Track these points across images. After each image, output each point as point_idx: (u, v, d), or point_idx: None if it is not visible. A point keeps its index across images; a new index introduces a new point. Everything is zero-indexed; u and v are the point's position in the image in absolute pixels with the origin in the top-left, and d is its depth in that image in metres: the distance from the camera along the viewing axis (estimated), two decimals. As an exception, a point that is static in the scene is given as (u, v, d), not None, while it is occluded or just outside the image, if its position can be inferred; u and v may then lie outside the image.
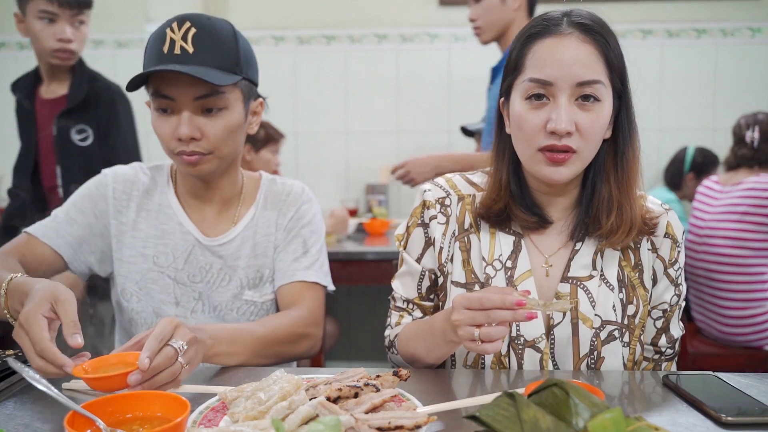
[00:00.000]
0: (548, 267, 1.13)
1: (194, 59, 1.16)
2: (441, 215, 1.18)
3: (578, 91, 1.02)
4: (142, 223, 1.32)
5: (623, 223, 1.09)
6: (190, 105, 1.19)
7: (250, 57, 1.26)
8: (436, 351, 1.09)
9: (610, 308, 1.11)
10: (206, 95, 1.18)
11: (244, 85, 1.24)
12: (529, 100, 1.04)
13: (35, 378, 0.87)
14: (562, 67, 1.01)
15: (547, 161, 1.04)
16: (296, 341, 1.24)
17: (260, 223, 1.35)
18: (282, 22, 3.63)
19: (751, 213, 2.38)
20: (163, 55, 1.17)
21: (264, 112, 1.35)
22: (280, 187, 1.39)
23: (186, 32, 1.17)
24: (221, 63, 1.19)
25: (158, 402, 0.81)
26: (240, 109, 1.24)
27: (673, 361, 1.21)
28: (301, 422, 0.78)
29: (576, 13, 1.06)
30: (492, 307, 0.91)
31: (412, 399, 0.88)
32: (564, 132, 1.01)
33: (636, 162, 1.10)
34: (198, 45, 1.17)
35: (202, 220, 1.33)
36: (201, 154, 1.21)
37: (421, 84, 3.63)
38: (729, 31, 3.46)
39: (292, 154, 3.65)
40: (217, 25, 1.21)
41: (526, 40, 1.07)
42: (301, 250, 1.34)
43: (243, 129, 1.28)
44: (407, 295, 1.21)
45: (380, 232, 3.06)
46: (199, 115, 1.20)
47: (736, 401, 0.92)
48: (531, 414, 0.71)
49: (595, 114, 1.03)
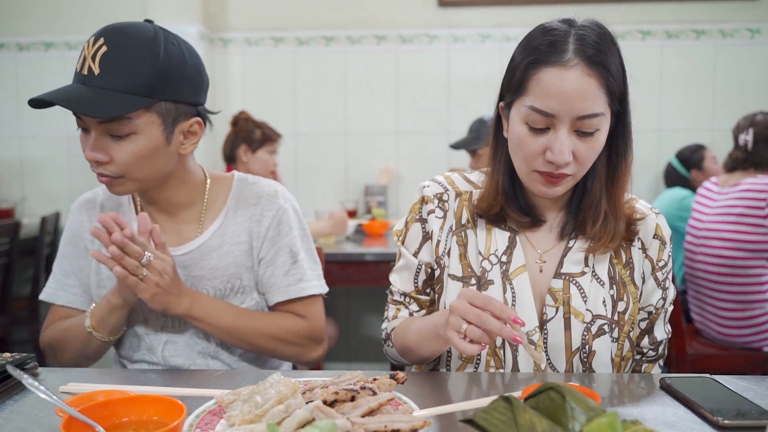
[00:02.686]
0: (542, 263, 1.16)
1: (98, 81, 1.11)
2: (439, 210, 1.20)
3: (578, 124, 1.03)
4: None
5: (606, 233, 1.12)
6: (96, 128, 1.15)
7: (177, 76, 1.16)
8: (426, 344, 1.10)
9: (601, 303, 1.13)
10: (108, 120, 1.13)
11: (162, 108, 1.16)
12: (529, 127, 1.05)
13: (32, 383, 0.86)
14: (565, 100, 1.01)
15: (543, 181, 1.07)
16: (286, 346, 1.30)
17: (229, 231, 1.30)
18: (281, 23, 3.63)
19: (747, 215, 2.38)
20: (77, 73, 1.15)
21: (263, 113, 1.34)
22: (252, 190, 1.33)
23: (97, 51, 1.12)
24: (128, 86, 1.11)
25: (155, 406, 0.81)
26: (155, 133, 1.17)
27: (656, 363, 1.22)
28: (297, 426, 0.78)
29: (581, 35, 1.03)
30: (491, 310, 0.93)
31: (408, 402, 0.88)
32: (562, 163, 1.04)
33: (627, 173, 1.13)
34: (104, 67, 1.11)
35: (163, 229, 1.28)
36: (111, 177, 1.18)
37: (420, 85, 3.63)
38: (728, 32, 3.46)
39: (291, 155, 3.65)
40: (135, 43, 1.13)
41: (530, 63, 1.04)
42: (290, 261, 1.32)
43: (163, 152, 1.19)
44: (404, 289, 1.23)
45: (379, 233, 3.06)
46: (107, 138, 1.15)
47: (734, 404, 0.92)
48: (527, 418, 0.71)
49: (592, 142, 1.05)
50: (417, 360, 1.18)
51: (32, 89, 3.88)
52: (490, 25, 3.58)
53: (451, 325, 0.96)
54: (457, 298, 0.97)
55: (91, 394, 0.91)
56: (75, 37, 3.59)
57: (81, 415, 0.77)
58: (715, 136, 3.53)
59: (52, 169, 3.70)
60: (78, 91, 1.11)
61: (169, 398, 0.81)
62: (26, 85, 3.64)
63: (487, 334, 0.94)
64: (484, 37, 3.59)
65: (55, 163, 3.69)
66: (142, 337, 1.29)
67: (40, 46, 3.63)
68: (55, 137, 3.66)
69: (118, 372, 1.20)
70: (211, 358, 1.31)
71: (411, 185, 3.63)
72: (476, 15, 3.60)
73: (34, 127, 3.67)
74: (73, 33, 3.59)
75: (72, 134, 3.62)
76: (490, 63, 3.57)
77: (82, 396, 0.90)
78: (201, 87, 1.23)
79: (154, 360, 1.29)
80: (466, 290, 0.98)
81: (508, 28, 3.53)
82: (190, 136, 1.23)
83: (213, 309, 1.25)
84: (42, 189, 3.74)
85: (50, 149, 3.68)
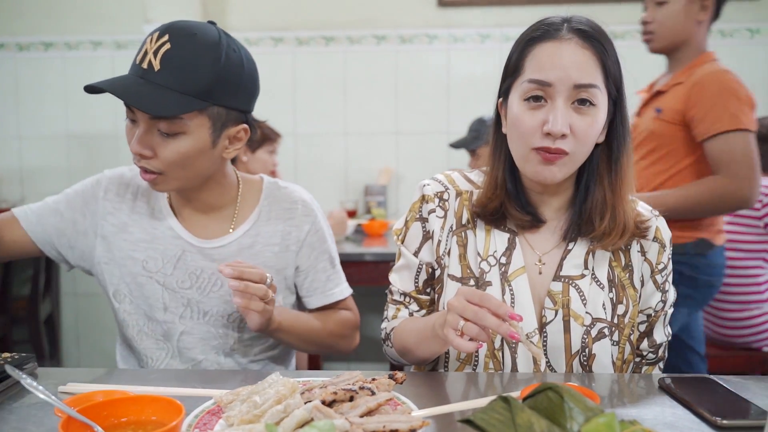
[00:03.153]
0: (541, 265, 1.15)
1: (157, 77, 1.12)
2: (439, 209, 1.20)
3: (575, 94, 1.04)
4: (133, 226, 1.30)
5: (616, 226, 1.11)
6: (146, 122, 1.16)
7: (234, 83, 1.18)
8: (425, 345, 1.10)
9: (600, 306, 1.12)
10: (161, 117, 1.13)
11: (214, 112, 1.17)
12: (528, 102, 1.07)
13: (31, 383, 0.87)
14: (561, 69, 1.04)
15: (540, 160, 1.06)
16: (342, 339, 1.39)
17: (263, 232, 1.32)
18: (281, 23, 3.63)
19: (743, 215, 2.38)
20: (135, 65, 1.15)
21: (263, 113, 1.35)
22: (284, 195, 1.36)
23: (160, 47, 1.13)
24: (185, 87, 1.12)
25: (153, 406, 0.81)
26: (203, 136, 1.18)
27: (656, 365, 1.22)
28: (296, 426, 0.78)
29: (576, 19, 1.08)
30: (488, 306, 0.93)
31: (407, 402, 0.89)
32: (559, 134, 1.04)
33: (629, 167, 1.13)
34: (165, 64, 1.12)
35: (196, 224, 1.31)
36: (153, 173, 1.18)
37: (419, 85, 3.63)
38: (728, 32, 3.46)
39: (290, 155, 3.65)
40: (198, 45, 1.14)
41: (526, 44, 1.09)
42: (330, 266, 1.38)
43: (207, 155, 1.21)
44: (404, 289, 1.22)
45: (379, 233, 3.06)
46: (155, 134, 1.16)
47: (732, 404, 0.92)
48: (525, 418, 0.71)
49: (590, 118, 1.05)
50: (416, 360, 1.18)
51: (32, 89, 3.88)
52: (490, 25, 3.58)
53: (449, 323, 0.96)
54: (454, 296, 0.97)
55: (89, 395, 0.91)
56: (74, 37, 3.59)
57: (79, 415, 0.77)
58: (715, 136, 3.53)
59: (51, 170, 3.69)
60: (135, 84, 1.12)
61: (167, 398, 0.81)
62: (26, 85, 3.64)
63: (485, 332, 0.94)
64: (484, 37, 3.59)
65: (55, 163, 3.69)
66: (160, 322, 1.29)
67: (39, 46, 3.62)
68: (54, 137, 3.65)
69: (117, 372, 1.20)
70: (224, 356, 1.31)
71: (411, 185, 3.63)
72: (476, 15, 3.60)
73: (34, 128, 3.66)
74: (73, 33, 3.59)
75: (71, 134, 3.62)
76: (490, 63, 3.56)
77: (81, 396, 0.90)
78: (253, 95, 1.25)
79: (167, 347, 1.30)
80: (463, 288, 0.98)
81: (508, 28, 3.53)
82: (235, 142, 1.25)
83: (292, 317, 1.29)
84: (41, 189, 3.73)
85: (50, 149, 3.67)
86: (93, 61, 3.56)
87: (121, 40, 3.51)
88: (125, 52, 3.52)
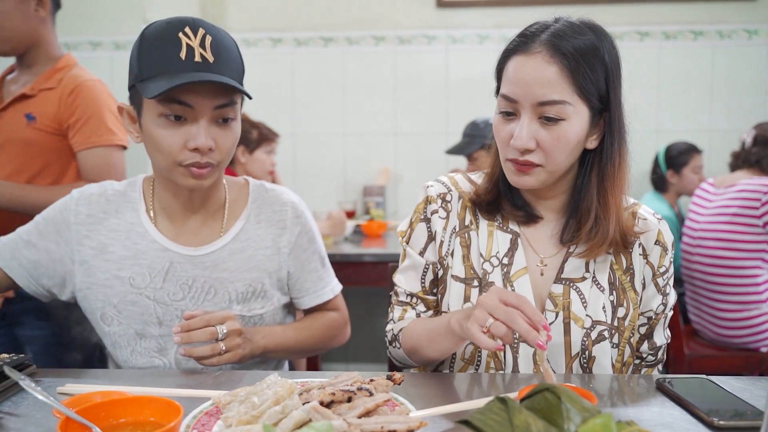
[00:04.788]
0: (543, 267, 1.16)
1: (215, 68, 1.13)
2: (442, 210, 1.21)
3: (540, 111, 1.05)
4: (113, 246, 1.26)
5: (598, 236, 1.11)
6: (209, 114, 1.15)
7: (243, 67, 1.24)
8: (438, 342, 1.09)
9: (600, 309, 1.13)
10: (225, 104, 1.16)
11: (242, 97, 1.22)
12: (501, 115, 1.10)
13: (29, 384, 0.87)
14: (525, 86, 1.05)
15: (514, 169, 1.09)
16: (331, 340, 1.42)
17: (253, 235, 1.30)
18: (280, 23, 3.63)
19: (741, 215, 2.39)
20: (182, 62, 1.12)
21: (261, 114, 1.36)
22: (273, 197, 1.35)
23: (203, 39, 1.14)
24: (236, 73, 1.17)
25: (151, 406, 0.82)
26: (239, 121, 1.23)
27: (655, 368, 1.22)
28: (293, 427, 0.78)
29: (554, 29, 1.06)
30: (524, 310, 0.92)
31: (405, 403, 0.89)
32: (522, 149, 1.06)
33: (621, 175, 1.11)
34: (216, 54, 1.14)
35: (183, 233, 1.28)
36: (213, 166, 1.18)
37: (418, 86, 3.63)
38: (726, 33, 3.47)
39: (289, 155, 3.65)
40: (225, 34, 1.19)
41: (504, 55, 1.11)
42: (320, 265, 1.39)
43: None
44: (411, 289, 1.22)
45: (378, 233, 3.06)
46: (213, 125, 1.17)
47: (729, 405, 0.92)
48: (522, 419, 0.71)
49: (557, 132, 1.05)
50: (424, 361, 1.17)
51: (30, 90, 3.81)
52: (489, 25, 3.59)
53: (476, 318, 0.94)
54: (487, 293, 0.96)
55: (88, 395, 0.91)
56: (74, 38, 3.58)
57: (78, 416, 0.77)
58: (713, 137, 3.53)
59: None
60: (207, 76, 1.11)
61: (166, 399, 0.81)
62: (24, 86, 3.64)
63: (510, 334, 0.93)
64: (482, 38, 3.59)
65: (54, 163, 3.69)
66: (155, 338, 1.26)
67: (38, 46, 3.62)
68: (53, 138, 3.65)
69: (116, 373, 1.20)
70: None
71: (409, 186, 3.63)
72: (474, 16, 3.60)
73: (33, 128, 3.66)
74: (73, 33, 3.58)
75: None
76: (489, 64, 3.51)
77: (80, 397, 0.90)
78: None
79: (164, 363, 1.27)
80: (497, 287, 0.97)
81: (506, 29, 3.53)
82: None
83: (278, 336, 1.30)
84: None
85: (48, 150, 3.67)
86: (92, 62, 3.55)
87: (119, 40, 3.51)
88: (124, 52, 3.52)
